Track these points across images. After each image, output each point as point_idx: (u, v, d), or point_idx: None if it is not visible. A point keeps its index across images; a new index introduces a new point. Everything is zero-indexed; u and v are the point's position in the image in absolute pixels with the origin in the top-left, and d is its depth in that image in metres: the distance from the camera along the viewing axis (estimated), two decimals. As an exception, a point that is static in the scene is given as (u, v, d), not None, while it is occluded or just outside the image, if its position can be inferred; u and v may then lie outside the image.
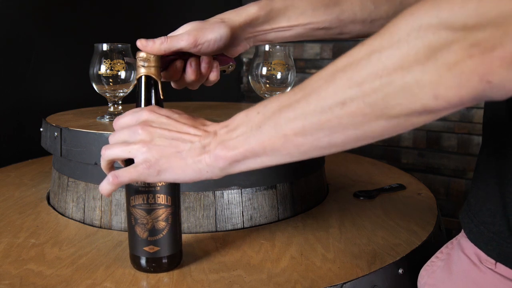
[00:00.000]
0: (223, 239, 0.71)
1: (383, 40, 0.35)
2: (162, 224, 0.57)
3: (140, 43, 0.56)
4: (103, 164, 0.52)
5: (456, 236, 0.58)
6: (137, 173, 0.48)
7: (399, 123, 0.36)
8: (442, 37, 0.31)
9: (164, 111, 0.51)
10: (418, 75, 0.32)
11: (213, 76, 0.62)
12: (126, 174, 0.49)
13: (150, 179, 0.49)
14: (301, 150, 0.42)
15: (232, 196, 0.75)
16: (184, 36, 0.57)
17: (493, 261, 0.50)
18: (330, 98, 0.37)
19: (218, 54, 0.62)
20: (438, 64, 0.31)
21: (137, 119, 0.51)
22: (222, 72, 0.63)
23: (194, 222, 0.74)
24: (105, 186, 0.50)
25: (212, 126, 0.49)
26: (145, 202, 0.56)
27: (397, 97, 0.34)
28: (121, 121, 0.52)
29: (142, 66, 0.56)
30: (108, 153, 0.51)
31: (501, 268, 0.50)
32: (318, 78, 0.40)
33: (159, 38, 0.57)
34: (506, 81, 0.29)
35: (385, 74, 0.34)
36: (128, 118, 0.51)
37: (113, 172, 0.50)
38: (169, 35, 0.59)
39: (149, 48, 0.56)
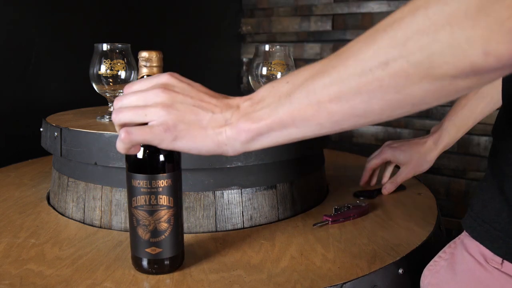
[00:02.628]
0: (223, 239, 0.71)
1: None
2: (164, 225, 0.57)
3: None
4: (117, 129, 0.49)
5: (459, 236, 0.58)
6: (152, 134, 0.46)
7: (443, 86, 0.34)
8: None
9: (185, 78, 0.49)
10: (468, 30, 0.30)
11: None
12: (140, 133, 0.46)
13: (164, 145, 0.46)
14: (334, 119, 0.40)
15: (232, 196, 0.75)
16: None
17: (499, 260, 0.50)
18: (371, 60, 0.35)
19: None
20: (490, 19, 0.29)
21: (156, 82, 0.48)
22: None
23: (194, 222, 0.74)
24: (118, 144, 0.48)
25: (234, 100, 0.47)
26: (147, 203, 0.56)
27: (444, 55, 0.32)
28: (135, 86, 0.49)
29: (144, 66, 0.56)
30: (120, 117, 0.47)
31: (508, 267, 0.50)
32: (355, 42, 0.37)
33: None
34: None
35: (432, 31, 0.32)
36: (144, 83, 0.48)
37: (126, 128, 0.46)
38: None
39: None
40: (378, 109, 0.37)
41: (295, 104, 0.41)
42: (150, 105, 0.46)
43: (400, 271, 0.63)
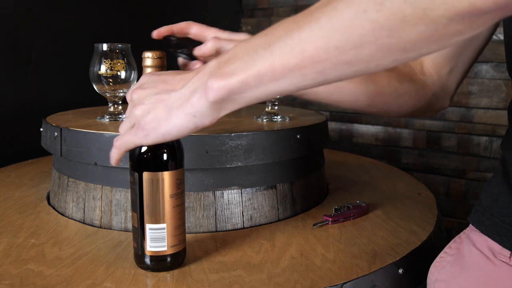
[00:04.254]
0: (223, 239, 0.71)
1: None
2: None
3: (197, 51, 0.60)
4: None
5: (464, 231, 0.58)
6: (130, 135, 0.48)
7: (437, 30, 0.33)
8: None
9: (159, 72, 0.51)
10: None
11: None
12: (124, 138, 0.50)
13: (144, 141, 0.47)
14: (319, 69, 0.37)
15: (232, 196, 0.75)
16: (239, 36, 0.61)
17: (507, 253, 0.51)
18: (366, 0, 0.33)
19: None
20: None
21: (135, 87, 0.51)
22: None
23: (194, 222, 0.74)
24: (113, 150, 0.51)
25: (200, 67, 0.44)
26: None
27: None
28: (128, 95, 0.52)
29: (148, 66, 0.57)
30: (120, 129, 0.52)
31: None
32: None
33: (210, 39, 0.59)
34: None
35: None
36: (135, 87, 0.52)
37: (117, 137, 0.51)
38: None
39: (201, 52, 0.60)
40: (368, 55, 0.35)
41: (276, 55, 0.37)
42: (130, 111, 0.49)
43: (400, 271, 0.63)
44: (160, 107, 0.45)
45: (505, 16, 0.32)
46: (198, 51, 0.61)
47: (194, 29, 0.63)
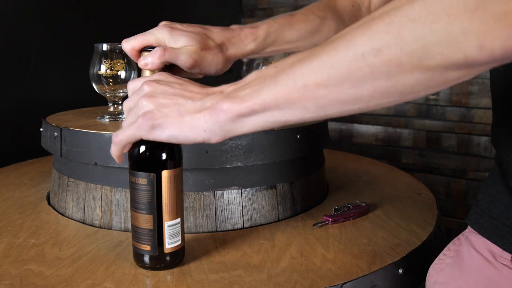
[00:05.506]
0: (223, 239, 0.71)
1: None
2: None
3: (140, 63, 0.56)
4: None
5: (463, 232, 0.58)
6: (134, 126, 0.48)
7: (434, 77, 0.34)
8: None
9: (175, 76, 0.51)
10: (465, 23, 0.30)
11: None
12: (123, 132, 0.49)
13: (145, 134, 0.47)
14: (319, 104, 0.39)
15: (232, 196, 0.75)
16: (184, 57, 0.56)
17: (508, 256, 0.50)
18: (364, 45, 0.35)
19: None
20: (487, 13, 0.29)
21: (147, 79, 0.51)
22: None
23: (194, 222, 0.74)
24: (112, 147, 0.51)
25: (219, 87, 0.47)
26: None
27: (439, 46, 0.32)
28: (135, 83, 0.52)
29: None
30: (123, 124, 0.51)
31: None
32: (350, 29, 0.37)
33: (157, 49, 0.55)
34: None
35: (429, 20, 0.31)
36: (140, 80, 0.51)
37: (115, 133, 0.51)
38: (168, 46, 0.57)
39: (150, 66, 0.55)
40: (366, 96, 0.37)
41: (280, 86, 0.40)
42: (137, 101, 0.49)
43: (400, 271, 0.63)
44: (174, 108, 0.46)
45: (503, 64, 0.32)
46: (144, 64, 0.56)
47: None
